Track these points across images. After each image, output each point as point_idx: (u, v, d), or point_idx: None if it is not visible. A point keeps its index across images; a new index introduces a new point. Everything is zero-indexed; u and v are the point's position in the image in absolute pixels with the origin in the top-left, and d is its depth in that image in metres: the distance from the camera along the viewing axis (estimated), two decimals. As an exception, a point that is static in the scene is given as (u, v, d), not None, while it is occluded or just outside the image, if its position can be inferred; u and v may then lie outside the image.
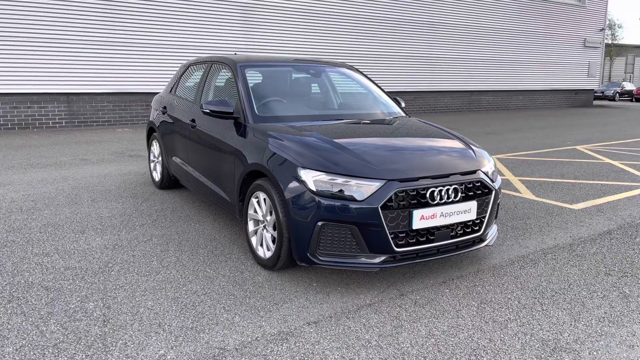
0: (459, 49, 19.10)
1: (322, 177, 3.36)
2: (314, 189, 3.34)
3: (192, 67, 5.74)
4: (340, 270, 3.77)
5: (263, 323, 3.03)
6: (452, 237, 3.60)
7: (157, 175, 6.18)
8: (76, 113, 11.76)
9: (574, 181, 7.09)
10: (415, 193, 3.38)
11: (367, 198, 3.30)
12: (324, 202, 3.31)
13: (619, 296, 3.50)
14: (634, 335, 2.99)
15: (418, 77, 18.06)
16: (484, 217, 3.75)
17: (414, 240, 3.45)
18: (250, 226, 3.95)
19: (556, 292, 3.54)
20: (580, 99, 25.02)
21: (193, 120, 4.93)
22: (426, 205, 3.41)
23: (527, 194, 6.35)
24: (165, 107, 5.80)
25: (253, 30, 14.08)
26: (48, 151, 8.78)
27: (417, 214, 3.37)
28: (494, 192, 3.78)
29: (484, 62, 20.00)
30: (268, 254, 3.73)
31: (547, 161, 8.75)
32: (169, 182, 5.95)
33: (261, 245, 3.84)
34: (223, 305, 3.23)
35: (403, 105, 5.20)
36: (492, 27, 19.99)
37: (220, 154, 4.38)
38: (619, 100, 34.70)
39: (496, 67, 20.49)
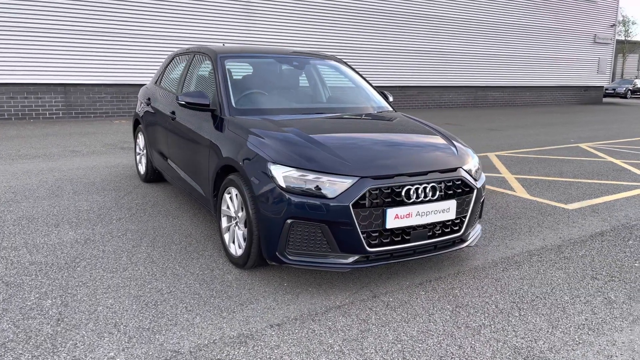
0: (464, 43, 18.83)
1: (293, 173, 3.22)
2: (283, 185, 3.21)
3: (177, 57, 5.61)
4: (312, 270, 3.64)
5: (224, 325, 2.90)
6: (430, 237, 3.45)
7: (142, 168, 6.07)
8: (73, 104, 11.70)
9: (572, 180, 6.90)
10: (389, 191, 3.23)
11: (338, 195, 3.16)
12: (294, 199, 3.17)
13: (603, 302, 3.34)
14: (613, 344, 2.83)
15: (422, 72, 17.82)
16: (465, 217, 3.59)
17: (388, 240, 3.30)
18: (224, 222, 3.83)
19: (537, 297, 3.38)
20: (590, 96, 24.64)
21: (173, 112, 4.80)
22: (401, 203, 3.27)
23: (521, 192, 6.17)
24: (149, 99, 5.68)
25: (257, 23, 13.93)
26: (40, 142, 8.70)
27: (391, 212, 3.22)
28: (475, 191, 3.62)
29: (490, 57, 19.71)
30: (239, 252, 3.61)
31: (548, 159, 8.54)
32: (154, 175, 5.84)
33: (233, 242, 3.72)
34: (186, 305, 3.11)
35: (391, 99, 5.03)
36: (499, 22, 19.68)
37: (197, 147, 4.25)
38: (630, 97, 34.15)
39: (503, 63, 20.19)
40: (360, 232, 3.18)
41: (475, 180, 3.70)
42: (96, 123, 11.58)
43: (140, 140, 6.06)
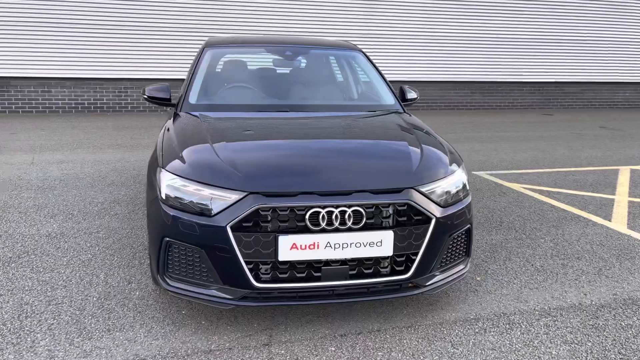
0: (622, 25, 15.57)
1: (176, 182, 2.68)
2: (163, 195, 2.69)
3: (206, 50, 5.35)
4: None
5: (59, 355, 2.50)
6: (355, 277, 2.63)
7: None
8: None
9: None
10: (288, 212, 2.51)
11: (217, 214, 2.54)
12: (171, 213, 2.64)
13: (590, 410, 2.18)
14: None
15: (586, 65, 15.14)
16: (415, 255, 2.67)
17: (287, 276, 2.58)
18: (159, 231, 3.43)
19: (488, 383, 2.35)
20: None
21: (171, 107, 4.55)
22: (305, 230, 2.52)
23: (618, 222, 4.66)
24: (180, 93, 5.53)
25: (376, 16, 13.17)
26: (132, 133, 9.00)
27: (285, 241, 2.50)
28: (434, 222, 2.67)
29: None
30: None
31: (703, 178, 6.46)
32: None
33: (159, 254, 3.29)
34: (53, 323, 2.77)
35: (411, 96, 4.08)
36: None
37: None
38: None
39: None
40: (243, 263, 2.52)
41: (442, 206, 2.73)
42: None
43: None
